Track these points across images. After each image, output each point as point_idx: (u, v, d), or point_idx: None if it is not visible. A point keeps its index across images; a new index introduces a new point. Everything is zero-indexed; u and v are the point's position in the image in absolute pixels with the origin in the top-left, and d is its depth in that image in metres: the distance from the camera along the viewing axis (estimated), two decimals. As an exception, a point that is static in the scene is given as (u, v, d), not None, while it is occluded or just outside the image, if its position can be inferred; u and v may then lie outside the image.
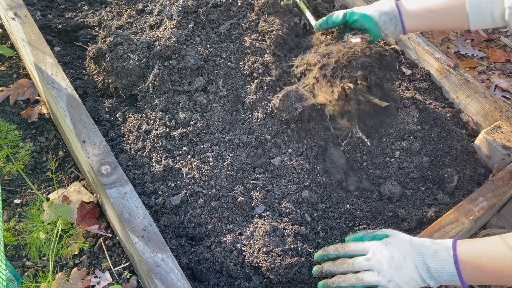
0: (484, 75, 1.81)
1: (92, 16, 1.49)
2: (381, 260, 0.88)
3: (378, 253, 0.89)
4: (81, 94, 1.28)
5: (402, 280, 0.87)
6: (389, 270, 0.87)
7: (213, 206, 1.09)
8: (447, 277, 0.85)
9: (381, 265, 0.87)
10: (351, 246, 0.93)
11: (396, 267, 0.87)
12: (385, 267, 0.87)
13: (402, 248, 0.88)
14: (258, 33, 1.34)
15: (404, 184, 1.23)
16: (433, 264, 0.85)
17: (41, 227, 1.04)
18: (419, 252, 0.87)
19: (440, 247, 0.86)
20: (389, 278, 0.87)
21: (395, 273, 0.87)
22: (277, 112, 1.20)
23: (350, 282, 0.90)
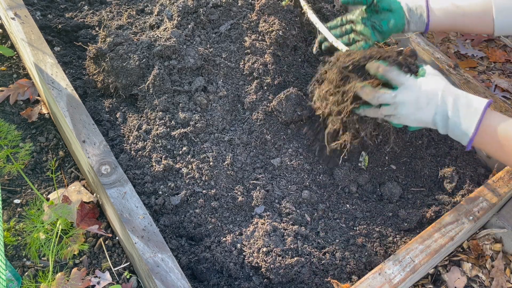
0: (484, 75, 1.81)
1: (92, 16, 1.49)
2: (406, 99, 0.93)
3: (409, 91, 0.94)
4: (81, 94, 1.28)
5: (413, 118, 0.95)
6: (409, 108, 0.94)
7: (213, 206, 1.09)
8: (458, 134, 0.92)
9: (404, 103, 0.94)
10: (394, 74, 0.95)
11: (416, 107, 0.93)
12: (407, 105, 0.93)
13: (431, 94, 0.92)
14: (258, 33, 1.34)
15: (404, 185, 1.23)
16: (454, 120, 0.90)
17: (41, 227, 1.04)
18: (444, 102, 0.91)
19: (471, 109, 0.89)
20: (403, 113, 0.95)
21: (413, 111, 0.94)
22: (277, 113, 1.20)
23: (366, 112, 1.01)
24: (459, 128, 0.91)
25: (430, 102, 0.92)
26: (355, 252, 1.07)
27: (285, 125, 1.23)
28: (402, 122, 0.98)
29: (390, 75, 0.96)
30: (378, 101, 0.97)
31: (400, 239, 1.12)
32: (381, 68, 0.96)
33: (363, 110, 1.02)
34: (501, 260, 1.21)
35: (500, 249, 1.24)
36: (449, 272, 1.19)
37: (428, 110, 0.93)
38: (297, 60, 1.34)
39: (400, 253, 1.02)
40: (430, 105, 0.92)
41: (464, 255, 1.23)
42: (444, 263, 1.21)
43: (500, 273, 1.20)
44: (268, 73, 1.26)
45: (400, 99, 0.94)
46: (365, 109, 1.01)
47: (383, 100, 0.96)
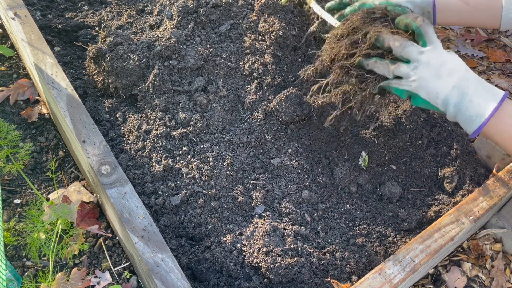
0: (484, 75, 1.81)
1: (92, 16, 1.49)
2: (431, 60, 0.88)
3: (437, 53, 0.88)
4: (81, 94, 1.28)
5: (429, 85, 0.88)
6: (430, 72, 0.88)
7: (213, 206, 1.09)
8: (471, 115, 0.86)
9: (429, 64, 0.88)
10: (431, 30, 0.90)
11: (437, 74, 0.87)
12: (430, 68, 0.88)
13: (456, 66, 0.87)
14: (258, 33, 1.34)
15: (404, 185, 1.23)
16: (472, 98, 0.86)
17: (41, 227, 1.04)
18: (467, 78, 0.87)
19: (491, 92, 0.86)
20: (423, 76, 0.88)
21: (432, 77, 0.88)
22: (277, 113, 1.21)
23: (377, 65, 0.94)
24: (474, 109, 0.86)
25: (452, 73, 0.87)
26: (355, 252, 1.07)
27: (285, 125, 1.23)
28: (415, 88, 0.90)
29: (427, 29, 0.89)
30: (403, 51, 0.89)
31: (400, 239, 1.12)
32: (420, 18, 0.90)
33: (375, 61, 0.93)
34: (501, 260, 1.21)
35: (500, 249, 1.24)
36: (449, 272, 1.19)
37: (448, 81, 0.87)
38: (297, 60, 1.34)
39: (400, 253, 1.02)
40: (451, 77, 0.87)
41: (464, 255, 1.23)
42: (444, 263, 1.21)
43: (500, 273, 1.20)
44: (268, 73, 1.26)
45: (425, 58, 0.88)
46: (377, 61, 0.93)
47: (408, 52, 0.89)
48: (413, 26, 0.90)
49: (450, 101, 0.88)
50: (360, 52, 0.94)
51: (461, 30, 2.01)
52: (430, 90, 0.88)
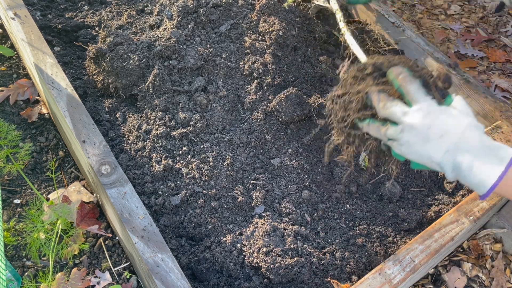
0: (484, 75, 1.81)
1: (92, 16, 1.49)
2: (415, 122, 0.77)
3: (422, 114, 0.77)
4: (81, 94, 1.28)
5: (418, 150, 0.78)
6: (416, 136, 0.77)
7: (213, 206, 1.09)
8: (474, 182, 0.75)
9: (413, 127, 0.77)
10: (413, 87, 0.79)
11: (425, 138, 0.76)
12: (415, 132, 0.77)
13: (449, 127, 0.76)
14: (258, 33, 1.34)
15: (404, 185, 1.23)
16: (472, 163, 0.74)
17: (41, 227, 1.04)
18: (465, 140, 0.75)
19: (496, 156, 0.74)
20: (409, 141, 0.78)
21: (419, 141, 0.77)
22: (277, 113, 1.21)
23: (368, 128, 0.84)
24: (475, 176, 0.75)
25: (444, 136, 0.75)
26: (355, 252, 1.07)
27: (285, 125, 1.23)
28: (404, 153, 0.80)
29: (409, 87, 0.79)
30: (386, 113, 0.80)
31: (400, 239, 1.12)
32: (402, 75, 0.80)
33: (367, 124, 0.84)
34: (501, 260, 1.21)
35: (500, 249, 1.24)
36: (449, 272, 1.19)
37: (439, 145, 0.75)
38: (297, 60, 1.34)
39: (400, 253, 1.02)
40: (443, 140, 0.75)
41: (464, 255, 1.23)
42: (444, 263, 1.21)
43: (500, 273, 1.20)
44: (268, 73, 1.26)
45: (409, 120, 0.77)
46: (370, 124, 0.84)
47: (391, 113, 0.79)
48: (395, 85, 0.81)
49: (446, 167, 0.77)
50: (352, 116, 0.87)
51: (461, 30, 2.01)
52: (421, 155, 0.78)
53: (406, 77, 0.80)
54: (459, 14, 2.11)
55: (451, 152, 0.76)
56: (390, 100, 0.80)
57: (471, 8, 2.15)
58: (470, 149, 0.75)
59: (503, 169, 0.73)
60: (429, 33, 1.97)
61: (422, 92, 0.79)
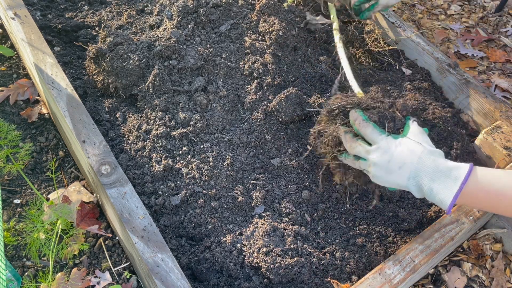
0: (484, 75, 1.81)
1: (92, 16, 1.49)
2: (376, 159, 0.90)
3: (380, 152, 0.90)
4: (81, 94, 1.28)
5: (385, 180, 0.91)
6: (380, 170, 0.90)
7: (213, 206, 1.09)
8: (435, 201, 0.86)
9: (376, 164, 0.90)
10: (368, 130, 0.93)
11: (387, 171, 0.89)
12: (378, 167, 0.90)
13: (405, 158, 0.87)
14: (258, 33, 1.34)
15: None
16: (431, 186, 0.85)
17: (41, 227, 1.04)
18: (419, 168, 0.86)
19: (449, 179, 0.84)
20: (376, 174, 0.92)
21: (384, 174, 0.90)
22: (277, 113, 1.20)
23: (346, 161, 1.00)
24: (435, 197, 0.86)
25: (403, 167, 0.87)
26: (355, 252, 1.07)
27: (285, 125, 1.23)
28: (377, 182, 0.94)
29: (364, 131, 0.93)
30: (353, 152, 0.95)
31: (400, 239, 1.12)
32: (357, 121, 0.94)
33: (344, 158, 1.00)
34: (501, 260, 1.21)
35: (500, 249, 1.24)
36: (449, 272, 1.19)
37: (401, 174, 0.88)
38: (297, 60, 1.34)
39: (400, 253, 1.02)
40: (403, 170, 0.87)
41: (464, 255, 1.23)
42: (444, 263, 1.21)
43: (500, 273, 1.20)
44: (268, 73, 1.26)
45: (372, 157, 0.91)
46: (346, 158, 0.99)
47: (358, 152, 0.94)
48: (355, 129, 0.96)
49: (412, 191, 0.89)
50: (331, 152, 1.02)
51: (461, 30, 2.01)
52: (390, 183, 0.91)
53: (361, 122, 0.94)
54: (459, 14, 2.11)
55: (412, 178, 0.87)
56: (354, 141, 0.94)
57: (471, 8, 2.15)
58: (427, 174, 0.86)
59: (457, 189, 0.83)
60: (429, 33, 1.97)
61: (376, 132, 0.92)
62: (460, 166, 0.85)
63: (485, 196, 0.83)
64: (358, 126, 0.94)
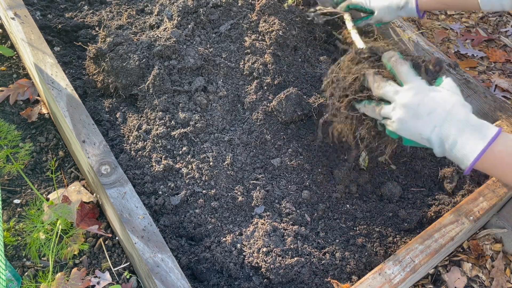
0: (484, 75, 1.81)
1: (92, 16, 1.49)
2: (406, 101, 0.83)
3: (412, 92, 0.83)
4: (81, 94, 1.28)
5: (409, 127, 0.84)
6: (407, 113, 0.83)
7: (213, 206, 1.09)
8: (458, 156, 0.81)
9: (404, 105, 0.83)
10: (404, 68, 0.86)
11: (415, 115, 0.82)
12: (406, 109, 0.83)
13: (437, 104, 0.81)
14: (258, 33, 1.34)
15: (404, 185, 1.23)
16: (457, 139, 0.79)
17: (41, 227, 1.04)
18: (451, 118, 0.80)
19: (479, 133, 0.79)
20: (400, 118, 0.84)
21: (410, 118, 0.83)
22: (277, 113, 1.20)
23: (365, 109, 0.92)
24: (458, 152, 0.80)
25: (433, 113, 0.81)
26: (355, 252, 1.07)
27: (285, 125, 1.23)
28: (396, 129, 0.86)
29: (400, 68, 0.86)
30: (380, 92, 0.87)
31: (400, 239, 1.12)
32: (394, 58, 0.88)
33: (364, 105, 0.92)
34: (501, 260, 1.21)
35: (500, 249, 1.24)
36: (449, 272, 1.19)
37: (428, 122, 0.82)
38: (297, 60, 1.34)
39: (400, 253, 1.02)
40: (432, 116, 0.81)
41: (464, 255, 1.23)
42: (444, 263, 1.21)
43: (500, 273, 1.20)
44: (268, 73, 1.26)
45: (400, 98, 0.84)
46: (366, 105, 0.91)
47: (385, 92, 0.86)
48: (388, 67, 0.89)
49: (433, 142, 0.83)
50: (350, 97, 0.93)
51: (461, 30, 2.01)
52: (412, 131, 0.84)
53: (397, 59, 0.88)
54: (459, 14, 2.11)
55: (438, 128, 0.81)
56: (384, 80, 0.88)
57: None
58: (456, 125, 0.80)
59: (484, 145, 0.78)
60: (429, 33, 1.97)
61: (412, 73, 0.86)
62: (490, 125, 0.80)
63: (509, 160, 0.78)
64: (394, 63, 0.87)
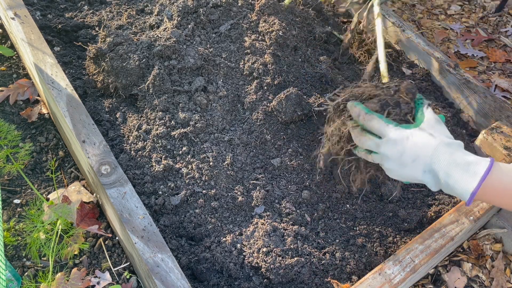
0: (484, 75, 1.81)
1: (92, 16, 1.49)
2: (388, 153, 0.84)
3: (391, 145, 0.83)
4: (81, 94, 1.28)
5: (400, 174, 0.85)
6: (393, 164, 0.84)
7: (213, 206, 1.09)
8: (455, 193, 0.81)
9: (387, 157, 0.85)
10: (373, 123, 0.86)
11: (401, 164, 0.83)
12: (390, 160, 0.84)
13: (419, 150, 0.81)
14: (258, 33, 1.34)
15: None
16: (447, 181, 0.79)
17: (41, 227, 1.04)
18: (435, 162, 0.80)
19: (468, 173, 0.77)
20: (389, 168, 0.86)
21: (397, 167, 0.84)
22: (277, 113, 1.20)
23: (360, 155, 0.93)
24: (453, 190, 0.80)
25: (417, 160, 0.81)
26: (355, 252, 1.07)
27: (285, 125, 1.23)
28: (392, 176, 0.88)
29: (369, 124, 0.86)
30: (364, 147, 0.89)
31: (400, 239, 1.12)
32: (360, 116, 0.88)
33: (358, 152, 0.93)
34: (501, 260, 1.21)
35: (500, 249, 1.24)
36: (449, 272, 1.19)
37: (415, 168, 0.82)
38: (297, 60, 1.34)
39: (400, 253, 1.02)
40: (417, 163, 0.81)
41: (464, 255, 1.23)
42: (444, 263, 1.21)
43: (500, 273, 1.20)
44: (268, 73, 1.26)
45: (383, 151, 0.84)
46: (359, 151, 0.93)
47: (368, 146, 0.87)
48: (360, 124, 0.89)
49: (428, 183, 0.84)
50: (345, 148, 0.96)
51: (461, 30, 2.01)
52: (405, 177, 0.86)
53: (364, 116, 0.87)
54: (459, 14, 2.11)
55: (428, 172, 0.82)
56: (363, 135, 0.88)
57: (471, 8, 2.15)
58: (442, 168, 0.79)
59: (476, 184, 0.77)
60: (429, 33, 1.97)
61: (383, 124, 0.85)
62: (479, 161, 0.78)
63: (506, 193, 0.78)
64: (362, 121, 0.88)
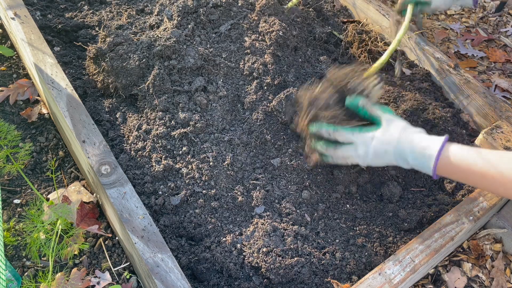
0: (484, 75, 1.81)
1: (92, 16, 1.49)
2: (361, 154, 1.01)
3: (362, 147, 1.00)
4: (81, 94, 1.28)
5: (377, 163, 1.03)
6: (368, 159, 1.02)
7: (213, 206, 1.09)
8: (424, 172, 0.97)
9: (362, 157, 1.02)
10: (342, 135, 1.03)
11: (376, 157, 1.00)
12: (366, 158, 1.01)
13: (386, 145, 0.98)
14: (259, 33, 1.34)
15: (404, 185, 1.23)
16: (413, 162, 0.96)
17: (41, 227, 1.04)
18: (401, 152, 0.97)
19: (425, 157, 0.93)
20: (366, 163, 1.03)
21: (374, 160, 1.02)
22: (277, 113, 1.20)
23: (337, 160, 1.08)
24: (422, 170, 0.97)
25: (388, 152, 0.98)
26: (355, 252, 1.07)
27: (285, 125, 1.23)
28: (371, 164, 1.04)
29: (338, 136, 1.03)
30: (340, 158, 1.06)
31: (400, 239, 1.12)
32: (331, 135, 1.04)
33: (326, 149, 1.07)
34: (501, 260, 1.21)
35: (500, 249, 1.24)
36: (449, 272, 1.19)
37: (388, 157, 0.99)
38: (297, 60, 1.34)
39: (400, 253, 1.02)
40: (388, 154, 0.99)
41: (464, 255, 1.23)
42: (444, 263, 1.21)
43: (500, 273, 1.20)
44: (268, 73, 1.26)
45: (359, 153, 1.01)
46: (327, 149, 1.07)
47: (347, 157, 1.05)
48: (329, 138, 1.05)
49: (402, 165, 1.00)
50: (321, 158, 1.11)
51: (461, 30, 2.01)
52: (382, 164, 1.03)
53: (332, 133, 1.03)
54: (459, 14, 2.11)
55: (398, 159, 0.99)
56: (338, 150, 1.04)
57: (471, 8, 2.15)
58: (407, 156, 0.96)
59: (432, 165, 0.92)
60: (429, 33, 1.97)
61: (349, 134, 1.02)
62: (431, 144, 0.93)
63: (457, 171, 0.92)
64: (333, 137, 1.04)
